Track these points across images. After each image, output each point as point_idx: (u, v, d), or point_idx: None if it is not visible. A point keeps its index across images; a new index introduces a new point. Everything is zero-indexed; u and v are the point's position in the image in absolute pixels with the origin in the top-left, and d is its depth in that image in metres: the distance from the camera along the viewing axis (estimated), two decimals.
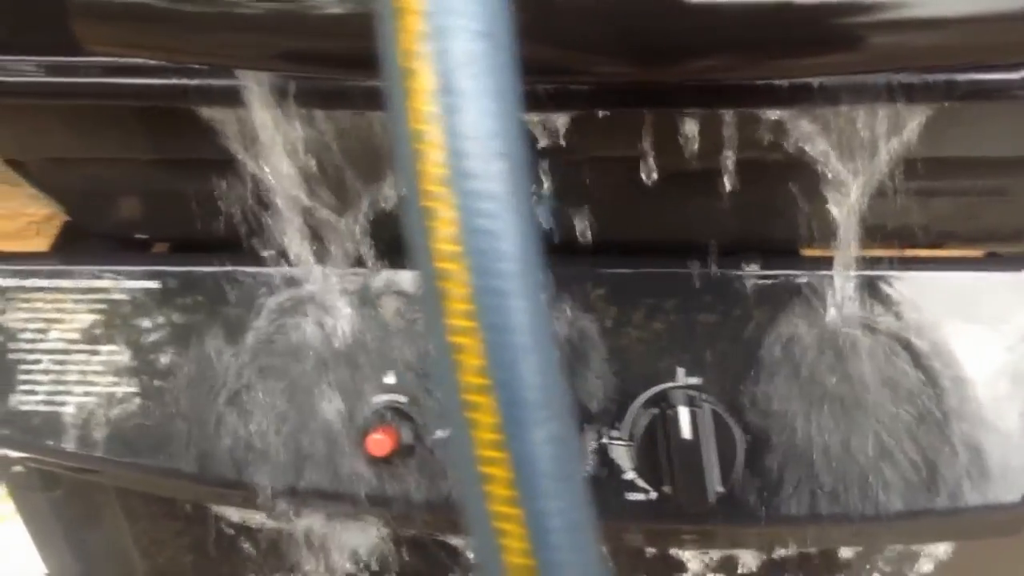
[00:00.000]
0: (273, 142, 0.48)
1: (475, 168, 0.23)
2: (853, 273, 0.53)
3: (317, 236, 0.54)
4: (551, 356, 0.26)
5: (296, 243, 0.54)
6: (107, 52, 0.40)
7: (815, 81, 0.42)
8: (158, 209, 0.59)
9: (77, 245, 0.63)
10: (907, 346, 0.53)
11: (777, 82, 0.42)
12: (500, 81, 0.23)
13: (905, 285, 0.53)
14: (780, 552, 0.63)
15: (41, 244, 0.69)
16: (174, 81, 0.44)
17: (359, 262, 0.55)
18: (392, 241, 0.54)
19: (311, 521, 0.62)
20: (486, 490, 0.26)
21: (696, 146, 0.48)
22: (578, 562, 0.27)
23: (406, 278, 0.55)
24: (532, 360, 0.25)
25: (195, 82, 0.44)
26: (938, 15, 0.34)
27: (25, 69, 0.45)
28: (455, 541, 0.65)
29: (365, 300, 0.55)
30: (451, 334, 0.24)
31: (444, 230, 0.23)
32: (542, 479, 0.26)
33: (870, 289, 0.53)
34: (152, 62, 0.44)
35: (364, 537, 0.65)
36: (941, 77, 0.41)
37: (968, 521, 0.54)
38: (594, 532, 0.28)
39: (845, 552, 0.62)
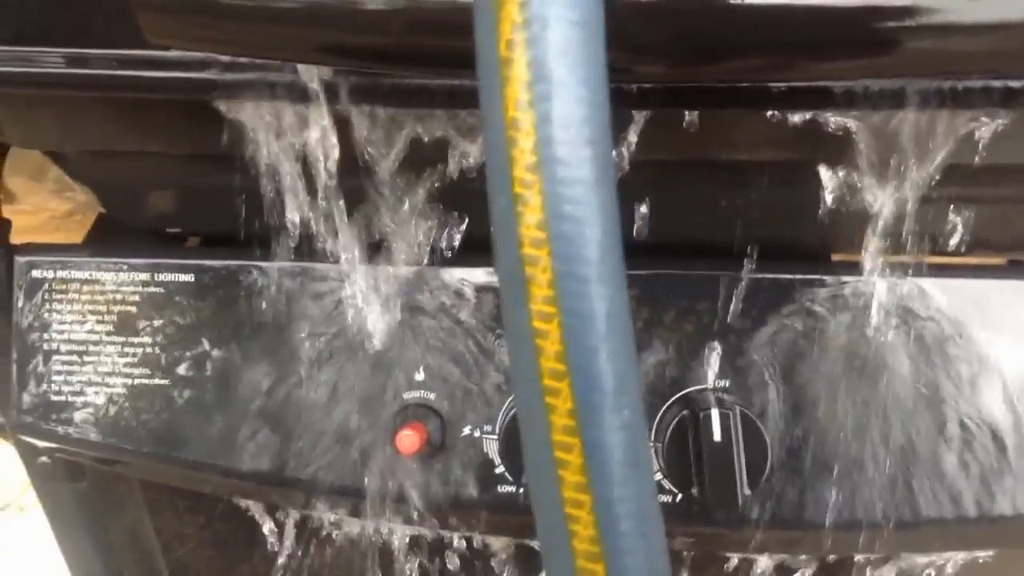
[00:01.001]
0: (319, 138, 0.48)
1: (564, 155, 0.23)
2: (882, 279, 0.53)
3: (351, 233, 0.54)
4: (628, 344, 0.26)
5: (330, 239, 0.54)
6: (171, 45, 0.40)
7: (856, 84, 0.42)
8: (194, 203, 0.60)
9: (111, 238, 0.63)
10: (935, 352, 0.53)
11: (820, 85, 0.43)
12: (593, 69, 0.24)
13: (933, 291, 0.53)
14: (802, 558, 0.63)
15: (61, 238, 0.70)
16: (224, 76, 0.44)
17: (391, 259, 0.55)
18: (426, 238, 0.54)
19: (337, 518, 0.62)
20: (559, 475, 0.26)
21: (733, 148, 0.49)
22: (644, 549, 0.27)
23: (437, 274, 0.55)
24: (609, 347, 0.25)
25: (245, 76, 0.44)
26: (987, 20, 0.34)
27: (68, 62, 0.46)
28: (482, 541, 0.65)
29: (397, 297, 0.56)
30: (534, 319, 0.24)
31: (532, 216, 0.24)
32: (613, 466, 0.26)
33: (898, 295, 0.53)
34: (196, 55, 0.44)
35: (391, 535, 0.64)
36: (986, 83, 0.41)
37: (998, 530, 0.54)
38: (660, 520, 0.28)
39: (872, 558, 0.63)
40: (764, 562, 0.63)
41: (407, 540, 0.65)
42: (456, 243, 0.55)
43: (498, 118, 0.24)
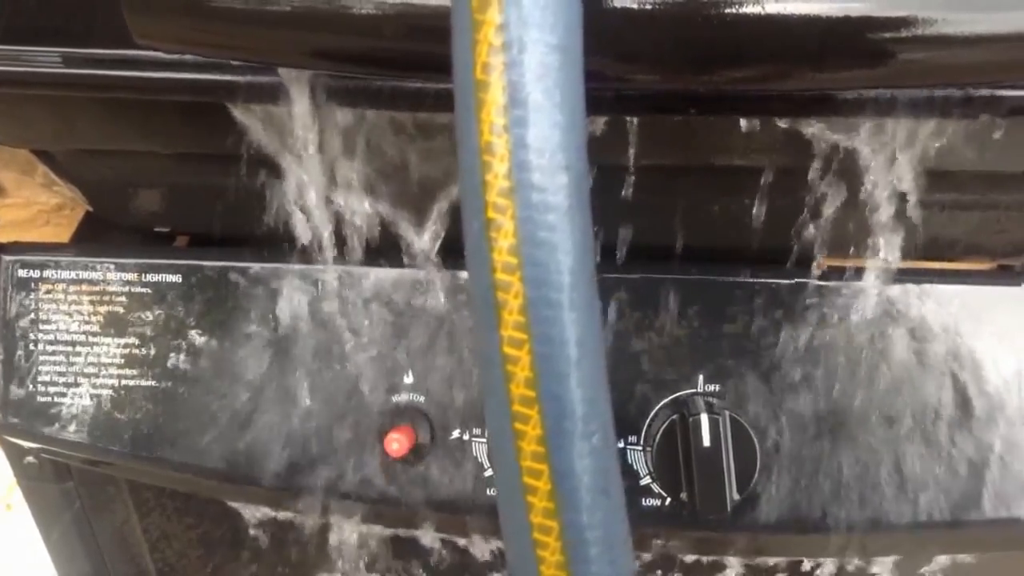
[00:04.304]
0: (306, 139, 0.48)
1: (540, 181, 0.23)
2: (871, 284, 0.53)
3: (340, 233, 0.54)
4: (599, 369, 0.26)
5: (319, 240, 0.54)
6: (160, 48, 0.40)
7: (852, 93, 0.42)
8: (182, 202, 0.59)
9: (98, 237, 0.63)
10: (924, 357, 0.53)
11: (811, 93, 0.42)
12: (570, 94, 0.24)
13: (923, 296, 0.53)
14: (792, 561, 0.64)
15: (51, 233, 0.70)
16: (212, 77, 0.44)
17: (382, 261, 0.55)
18: (417, 240, 0.54)
19: (324, 520, 0.62)
20: (528, 501, 0.26)
21: (728, 154, 0.49)
22: (612, 575, 0.27)
23: (428, 277, 0.55)
24: (580, 374, 0.25)
25: (234, 78, 0.44)
26: (988, 32, 0.34)
27: (58, 61, 0.45)
28: (469, 544, 0.65)
29: (387, 299, 0.55)
30: (505, 345, 0.24)
31: (505, 241, 0.23)
32: (582, 492, 0.26)
33: (887, 300, 0.53)
34: (190, 57, 0.44)
35: (379, 537, 0.64)
36: (984, 92, 0.41)
37: (989, 534, 0.54)
38: (630, 546, 0.28)
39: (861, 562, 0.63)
40: (754, 566, 0.63)
41: (394, 541, 0.65)
42: (448, 245, 0.55)
43: (473, 142, 0.24)
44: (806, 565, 0.64)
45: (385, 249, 0.55)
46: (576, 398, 0.25)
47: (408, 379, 0.56)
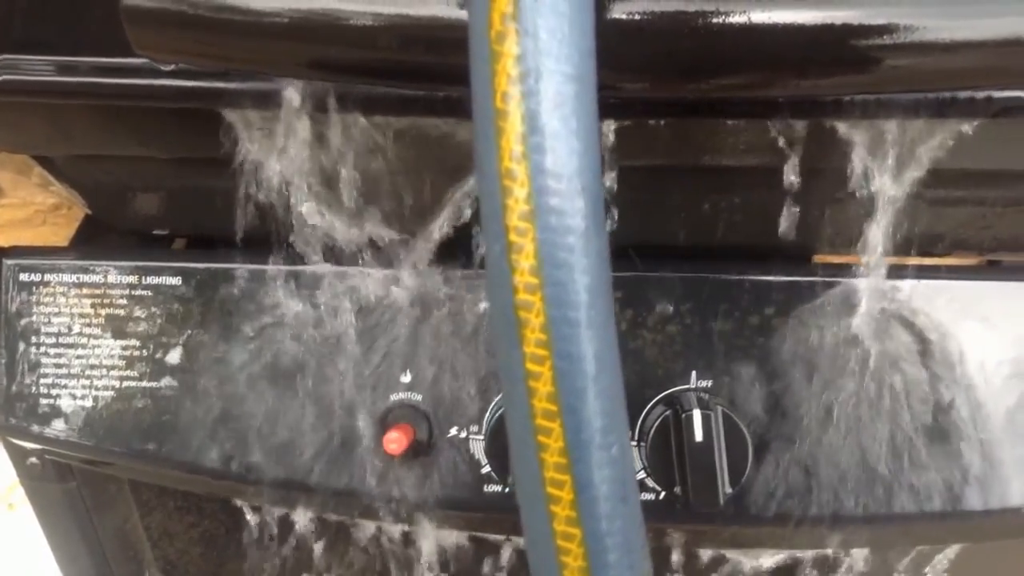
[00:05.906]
0: (302, 144, 0.49)
1: (558, 204, 0.24)
2: (862, 280, 0.54)
3: (337, 235, 0.54)
4: (616, 382, 0.27)
5: (316, 242, 0.54)
6: (159, 58, 0.40)
7: (845, 97, 0.43)
8: (181, 205, 0.60)
9: (97, 239, 0.63)
10: (914, 352, 0.54)
11: (802, 97, 0.43)
12: (586, 121, 0.24)
13: (913, 292, 0.54)
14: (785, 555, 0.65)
15: (48, 232, 0.70)
16: (209, 84, 0.45)
17: (380, 261, 0.56)
18: (411, 242, 0.55)
19: (324, 519, 0.62)
20: (551, 510, 0.27)
21: (717, 153, 0.49)
22: None
23: (424, 278, 0.56)
24: (598, 388, 0.26)
25: (230, 85, 0.44)
26: (977, 38, 0.35)
27: (54, 69, 0.46)
28: (468, 541, 0.65)
29: (384, 299, 0.56)
30: (527, 362, 0.25)
31: (526, 263, 0.24)
32: (601, 501, 0.27)
33: (878, 295, 0.54)
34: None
35: (378, 535, 0.65)
36: (970, 95, 0.42)
37: (977, 524, 0.55)
38: (647, 550, 0.29)
39: (853, 554, 0.64)
40: (750, 560, 0.64)
41: (394, 539, 0.66)
42: (446, 246, 0.55)
43: (493, 167, 0.24)
44: (799, 557, 0.65)
45: (383, 249, 0.55)
46: (595, 411, 0.26)
47: (406, 378, 0.56)
